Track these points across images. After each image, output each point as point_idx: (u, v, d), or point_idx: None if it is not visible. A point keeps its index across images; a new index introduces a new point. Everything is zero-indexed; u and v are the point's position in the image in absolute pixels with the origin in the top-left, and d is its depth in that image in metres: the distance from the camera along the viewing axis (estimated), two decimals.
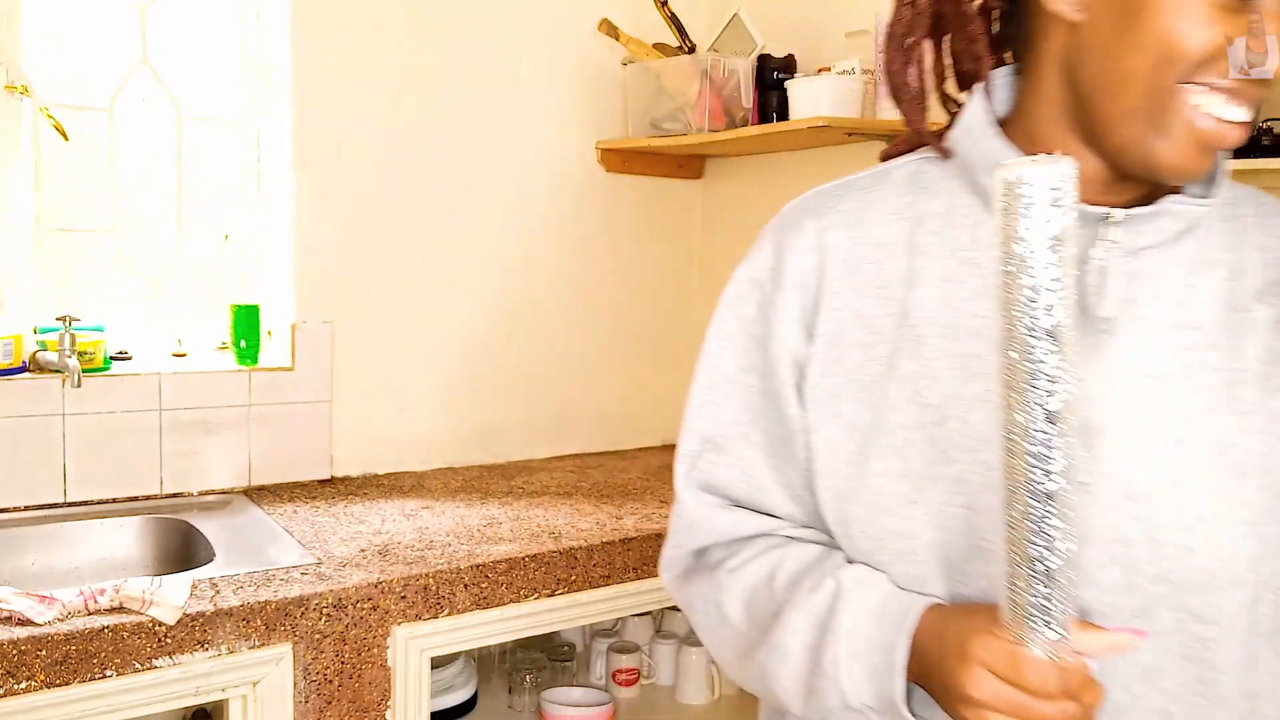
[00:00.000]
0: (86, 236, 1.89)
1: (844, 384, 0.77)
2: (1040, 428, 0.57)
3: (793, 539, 0.82)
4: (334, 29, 1.92)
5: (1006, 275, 0.56)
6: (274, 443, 1.91)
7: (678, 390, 2.47)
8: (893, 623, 0.70)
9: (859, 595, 0.72)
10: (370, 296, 2.00)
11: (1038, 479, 0.58)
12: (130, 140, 1.92)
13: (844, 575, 0.75)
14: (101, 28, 1.89)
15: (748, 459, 0.82)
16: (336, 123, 1.94)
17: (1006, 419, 0.58)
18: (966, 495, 0.71)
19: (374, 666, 1.42)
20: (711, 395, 0.85)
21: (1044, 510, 0.58)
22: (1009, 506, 0.60)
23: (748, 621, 0.80)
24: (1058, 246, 0.55)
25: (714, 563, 0.85)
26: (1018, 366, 0.57)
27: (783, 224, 0.83)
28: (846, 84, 1.79)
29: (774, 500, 0.82)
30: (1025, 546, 0.59)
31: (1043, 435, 0.57)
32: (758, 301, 0.82)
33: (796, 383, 0.79)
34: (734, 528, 0.83)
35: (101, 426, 1.75)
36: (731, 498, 0.84)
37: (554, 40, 2.16)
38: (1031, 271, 0.55)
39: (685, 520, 0.86)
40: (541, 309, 2.22)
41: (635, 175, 2.30)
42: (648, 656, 2.05)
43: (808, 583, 0.76)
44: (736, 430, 0.83)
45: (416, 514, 1.76)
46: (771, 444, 0.81)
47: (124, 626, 1.23)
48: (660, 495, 1.93)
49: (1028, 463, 0.58)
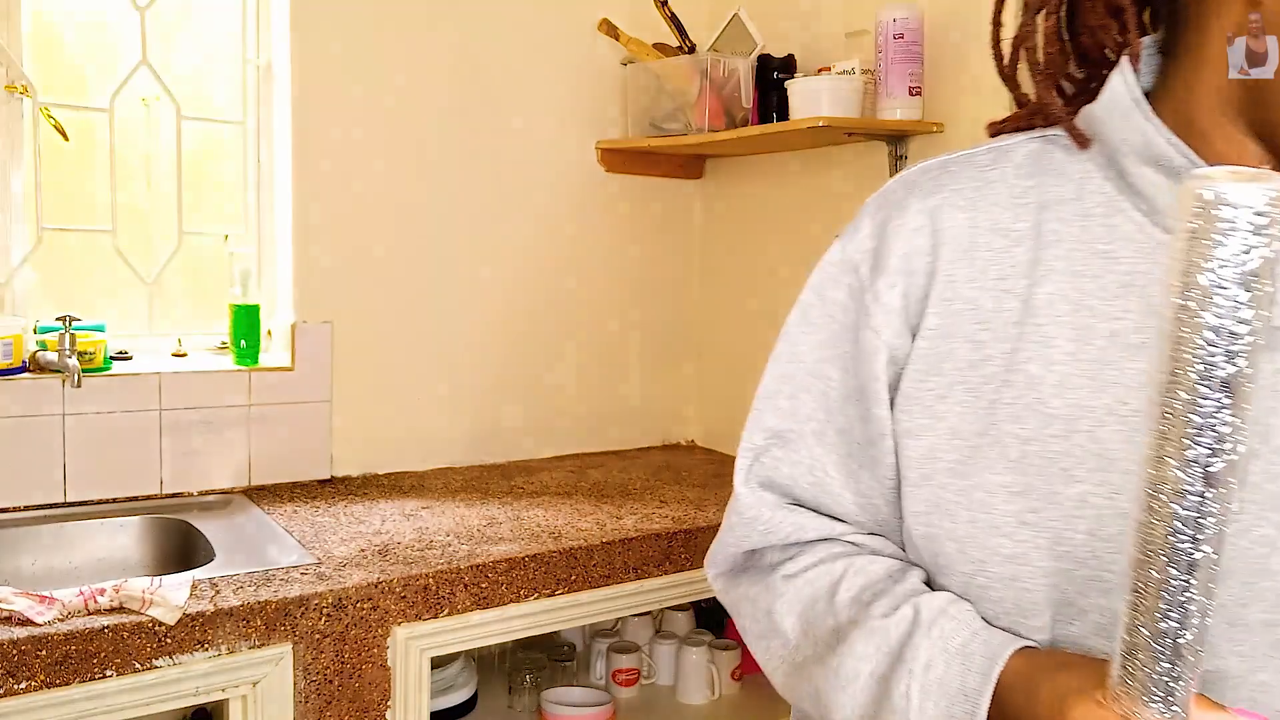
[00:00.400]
0: (86, 236, 1.89)
1: (950, 385, 0.68)
2: (1196, 490, 0.49)
3: (857, 545, 0.75)
4: (334, 29, 1.92)
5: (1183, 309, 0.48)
6: (274, 443, 1.91)
7: (678, 390, 2.48)
8: (978, 668, 0.63)
9: (940, 629, 0.65)
10: (370, 296, 2.00)
11: (1183, 547, 0.50)
12: (130, 140, 1.92)
13: (924, 603, 0.67)
14: (101, 28, 1.89)
15: (818, 459, 0.75)
16: (336, 123, 1.94)
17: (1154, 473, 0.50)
18: (1089, 520, 0.63)
19: (374, 666, 1.42)
20: (784, 387, 0.77)
21: (1185, 581, 0.50)
22: (1140, 568, 0.51)
23: (801, 635, 0.73)
24: (1254, 284, 0.46)
25: (768, 565, 0.78)
26: (1179, 417, 0.48)
27: (886, 200, 0.74)
28: (846, 84, 1.79)
29: (842, 506, 0.75)
30: (1155, 619, 0.51)
31: (1197, 499, 0.49)
32: (851, 286, 0.74)
33: (891, 380, 0.71)
34: (795, 530, 0.76)
35: (101, 426, 1.75)
36: (793, 497, 0.77)
37: (554, 40, 2.16)
38: (1217, 310, 0.47)
39: (742, 517, 0.78)
40: (542, 309, 2.22)
41: (635, 175, 2.30)
42: (648, 656, 2.05)
43: (880, 606, 0.69)
44: (810, 427, 0.76)
45: (416, 514, 1.76)
46: (848, 445, 0.74)
47: (124, 626, 1.23)
48: (660, 495, 1.93)
49: (1174, 527, 0.50)
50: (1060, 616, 0.64)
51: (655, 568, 1.68)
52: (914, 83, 1.75)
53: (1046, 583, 0.64)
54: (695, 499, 1.91)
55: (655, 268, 2.37)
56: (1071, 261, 0.66)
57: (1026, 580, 0.65)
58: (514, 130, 2.14)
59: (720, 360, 2.38)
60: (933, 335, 0.69)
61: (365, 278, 2.00)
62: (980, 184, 0.71)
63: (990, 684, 0.62)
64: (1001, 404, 0.66)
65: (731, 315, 2.34)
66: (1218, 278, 0.46)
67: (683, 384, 2.44)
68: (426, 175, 2.04)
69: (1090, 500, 0.63)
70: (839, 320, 0.74)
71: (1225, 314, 0.47)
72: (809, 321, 0.77)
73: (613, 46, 2.19)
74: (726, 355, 2.36)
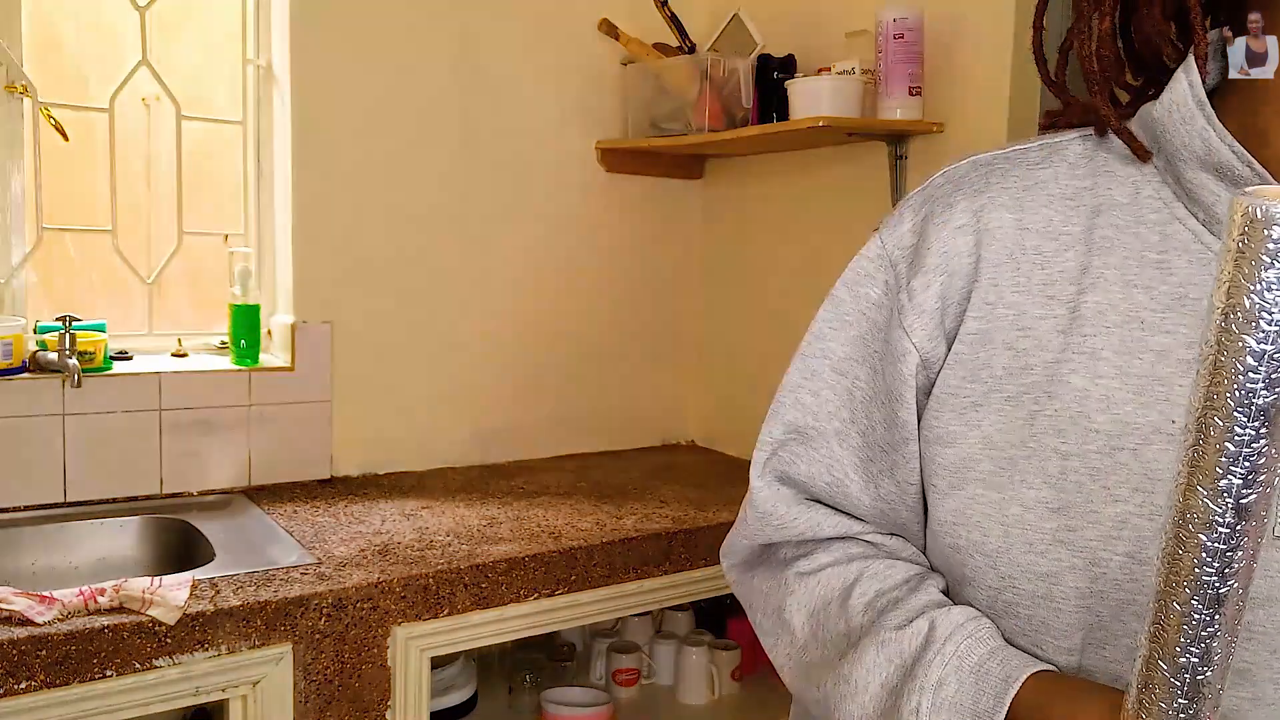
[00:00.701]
0: (86, 236, 1.89)
1: (987, 393, 0.65)
2: (1226, 521, 0.46)
3: (875, 546, 0.74)
4: (333, 29, 1.92)
5: (1223, 331, 0.45)
6: (274, 443, 1.91)
7: (678, 390, 2.49)
8: (993, 689, 0.60)
9: (954, 646, 0.63)
10: (370, 296, 2.00)
11: (1210, 579, 0.47)
12: (130, 140, 1.92)
13: (939, 619, 0.65)
14: (101, 28, 1.89)
15: (838, 459, 0.73)
16: (336, 123, 1.94)
17: (1184, 500, 0.48)
18: (1129, 541, 0.60)
19: (374, 666, 1.42)
20: (809, 382, 0.75)
21: (1209, 616, 0.48)
22: (1162, 599, 0.49)
23: (810, 635, 0.72)
24: None
25: (782, 560, 0.77)
26: (1213, 444, 0.46)
27: (930, 196, 0.71)
28: (846, 84, 1.79)
29: (859, 507, 0.74)
30: (1175, 653, 0.49)
31: (1226, 531, 0.46)
32: (886, 283, 0.71)
33: (922, 385, 0.69)
34: (811, 527, 0.74)
35: (101, 426, 1.75)
36: (810, 494, 0.76)
37: (554, 40, 2.16)
38: (1261, 335, 0.44)
39: (757, 511, 0.76)
40: (541, 309, 2.22)
41: (635, 175, 2.30)
42: (648, 656, 2.05)
43: (894, 617, 0.67)
44: (833, 426, 0.74)
45: (416, 514, 1.76)
46: (870, 448, 0.72)
47: (124, 626, 1.23)
48: (660, 495, 1.93)
49: (1200, 558, 0.47)
50: (1092, 640, 0.62)
51: (655, 568, 1.68)
52: (914, 83, 1.75)
53: (1079, 604, 0.62)
54: (695, 499, 1.91)
55: (655, 268, 2.37)
56: (1124, 270, 0.63)
57: (1059, 600, 0.62)
58: (514, 130, 2.14)
59: (720, 360, 2.38)
60: (972, 340, 0.66)
61: (365, 278, 2.00)
62: (1030, 183, 0.67)
63: (1004, 707, 0.60)
64: (1042, 416, 0.63)
65: (731, 315, 2.34)
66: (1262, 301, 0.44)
67: (683, 384, 2.43)
68: (426, 175, 2.04)
69: (1131, 521, 0.60)
70: (871, 318, 0.72)
71: (1269, 339, 0.44)
72: (840, 317, 0.74)
73: (613, 46, 2.19)
74: (726, 355, 2.36)
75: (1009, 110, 1.68)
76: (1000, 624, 0.66)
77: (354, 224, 1.98)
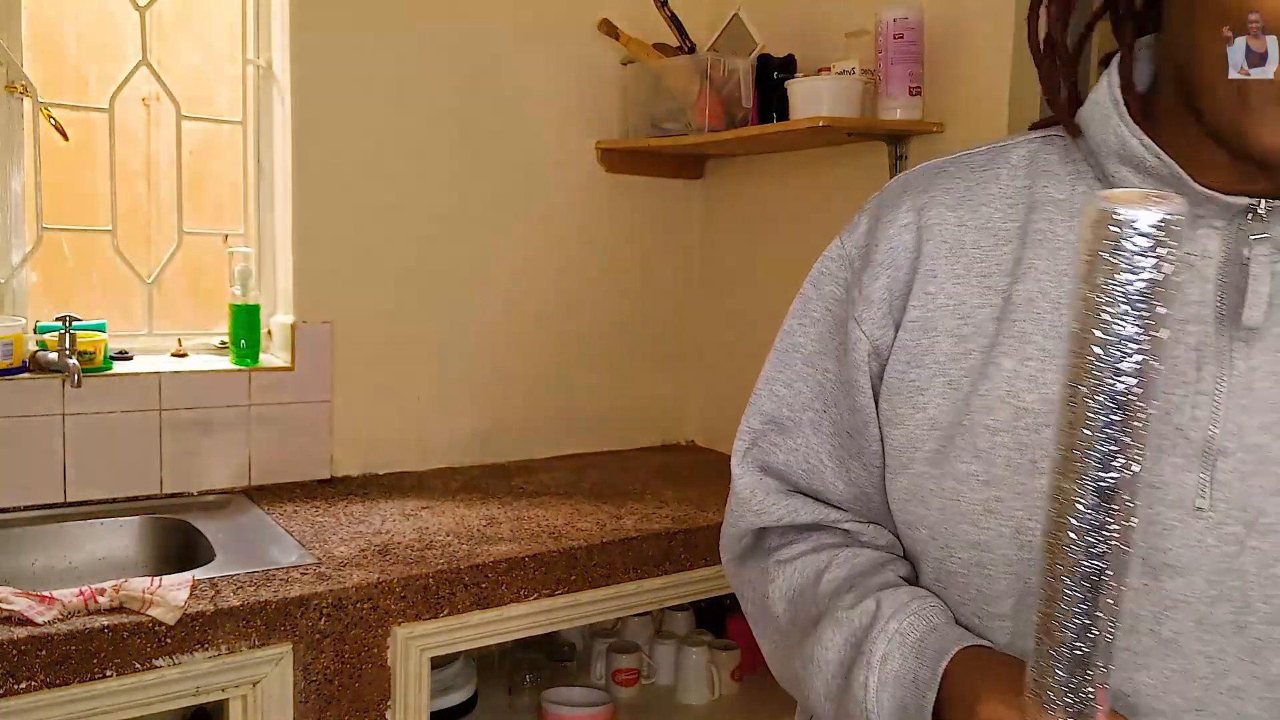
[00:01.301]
0: (86, 236, 1.89)
1: (931, 377, 0.70)
2: (1088, 503, 0.50)
3: (850, 533, 0.78)
4: (333, 29, 1.92)
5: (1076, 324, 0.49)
6: (274, 443, 1.91)
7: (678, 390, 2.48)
8: (929, 661, 0.65)
9: (896, 623, 0.68)
10: (370, 296, 2.00)
11: (1079, 558, 0.50)
12: (130, 140, 1.92)
13: (885, 598, 0.70)
14: (101, 28, 1.89)
15: (813, 447, 0.78)
16: (336, 123, 1.94)
17: (1054, 484, 0.51)
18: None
19: (374, 666, 1.42)
20: (783, 374, 0.80)
21: (1080, 594, 0.51)
22: (1044, 578, 0.53)
23: (790, 622, 0.76)
24: (1141, 304, 0.47)
25: (767, 549, 0.81)
26: (1075, 430, 0.50)
27: (881, 200, 0.76)
28: (846, 84, 1.79)
29: (835, 493, 0.78)
30: (1051, 627, 0.52)
31: (1090, 514, 0.50)
32: (846, 280, 0.76)
33: (874, 371, 0.73)
34: (788, 513, 0.78)
35: (101, 426, 1.75)
36: (789, 483, 0.80)
37: (554, 40, 2.16)
38: (1104, 326, 0.48)
39: (738, 498, 0.81)
40: (541, 309, 2.22)
41: (635, 175, 2.30)
42: (648, 656, 2.05)
43: (849, 598, 0.71)
44: (807, 416, 0.78)
45: (416, 514, 1.76)
46: (839, 435, 0.77)
47: (124, 626, 1.23)
48: (660, 495, 1.93)
49: (1069, 539, 0.51)
50: (1022, 606, 0.66)
51: (655, 568, 1.68)
52: (914, 83, 1.75)
53: (1008, 571, 0.66)
54: (695, 499, 1.91)
55: (655, 267, 2.37)
56: (1055, 260, 0.67)
57: (990, 568, 0.67)
58: (514, 130, 2.13)
59: (720, 360, 2.38)
60: (914, 328, 0.71)
61: (365, 278, 2.00)
62: (973, 184, 0.72)
63: (938, 677, 0.64)
64: (976, 396, 0.68)
65: (732, 315, 2.34)
66: (1106, 295, 0.47)
67: (682, 384, 2.43)
68: (426, 175, 2.04)
69: None
70: (834, 313, 0.77)
71: (1111, 331, 0.48)
72: (807, 314, 0.79)
73: (613, 46, 2.19)
74: (726, 355, 2.36)
75: (1009, 110, 1.69)
76: (946, 595, 0.71)
77: (354, 224, 1.98)
